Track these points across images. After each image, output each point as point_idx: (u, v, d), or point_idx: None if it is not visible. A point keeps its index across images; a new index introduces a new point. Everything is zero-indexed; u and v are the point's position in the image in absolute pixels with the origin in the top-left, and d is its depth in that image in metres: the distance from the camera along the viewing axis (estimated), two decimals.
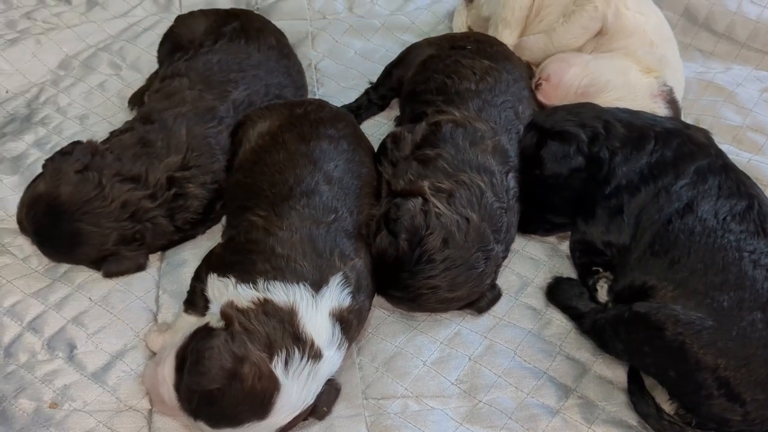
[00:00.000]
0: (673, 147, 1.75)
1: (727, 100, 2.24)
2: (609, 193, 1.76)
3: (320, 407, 1.48)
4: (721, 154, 1.78)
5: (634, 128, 1.81)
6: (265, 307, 1.44)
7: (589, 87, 2.10)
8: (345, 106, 2.21)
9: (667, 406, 1.54)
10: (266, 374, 1.37)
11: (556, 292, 1.77)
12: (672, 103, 2.10)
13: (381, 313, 1.74)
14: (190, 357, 1.36)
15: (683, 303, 1.52)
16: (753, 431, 1.46)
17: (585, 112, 1.90)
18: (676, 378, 1.49)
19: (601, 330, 1.62)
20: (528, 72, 2.17)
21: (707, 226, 1.60)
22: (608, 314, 1.63)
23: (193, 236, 1.88)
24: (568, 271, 1.84)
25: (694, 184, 1.68)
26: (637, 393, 1.56)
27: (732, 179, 1.70)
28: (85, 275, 1.78)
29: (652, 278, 1.60)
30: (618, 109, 1.93)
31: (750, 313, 1.47)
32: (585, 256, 1.80)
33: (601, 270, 1.77)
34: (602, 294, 1.74)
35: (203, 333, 1.41)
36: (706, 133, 1.83)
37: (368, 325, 1.70)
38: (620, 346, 1.58)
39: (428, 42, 2.21)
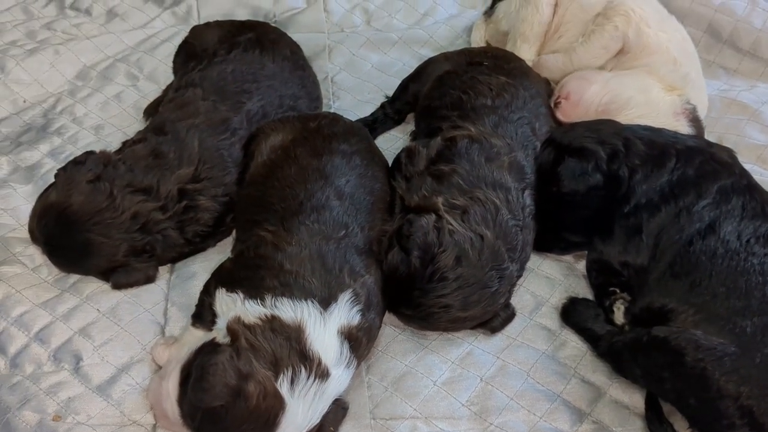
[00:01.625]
0: (696, 165, 1.71)
1: (752, 118, 2.20)
2: (627, 211, 1.72)
3: (326, 427, 1.45)
4: (745, 173, 1.73)
5: (655, 146, 1.77)
6: (273, 323, 1.42)
7: (609, 104, 2.06)
8: (360, 120, 2.19)
9: None
10: (271, 393, 1.34)
11: (571, 313, 1.73)
12: (695, 121, 2.05)
13: (391, 331, 1.71)
14: (195, 372, 1.34)
15: (704, 328, 1.47)
16: None
17: (604, 129, 1.86)
18: (697, 406, 1.44)
19: (618, 354, 1.58)
20: (546, 88, 2.14)
21: (730, 248, 1.56)
22: (626, 338, 1.58)
23: (203, 249, 1.86)
24: (584, 291, 1.80)
25: (717, 204, 1.64)
26: (655, 421, 1.51)
27: (756, 200, 1.65)
28: (94, 286, 1.77)
29: (672, 301, 1.55)
30: (639, 126, 1.89)
31: None
32: (602, 276, 1.75)
33: (618, 291, 1.72)
34: (619, 316, 1.69)
35: (209, 348, 1.39)
36: (729, 152, 1.78)
37: (378, 343, 1.67)
38: (638, 371, 1.53)
39: (445, 57, 2.19)
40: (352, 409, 1.54)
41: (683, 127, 2.01)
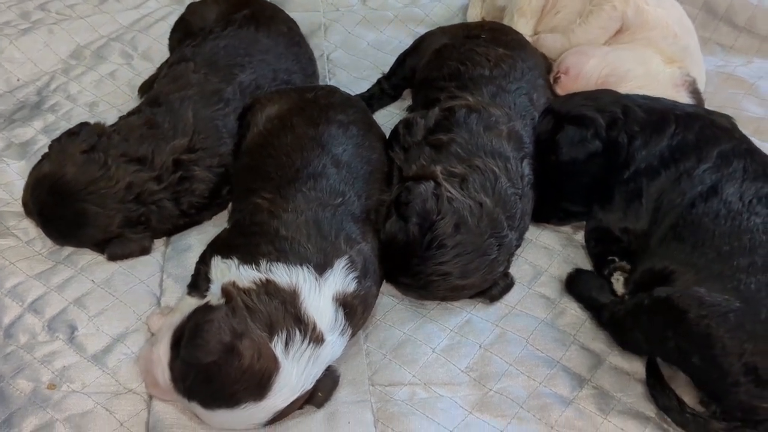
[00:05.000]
0: (695, 130, 1.70)
1: (749, 92, 2.20)
2: (627, 177, 1.71)
3: (319, 394, 1.43)
4: (745, 138, 1.73)
5: (654, 112, 1.76)
6: (267, 287, 1.40)
7: (609, 77, 2.05)
8: (357, 96, 2.17)
9: (689, 399, 1.48)
10: (266, 353, 1.33)
11: (576, 283, 1.71)
12: (695, 93, 2.05)
13: (390, 301, 1.69)
14: (188, 332, 1.33)
15: (708, 286, 1.45)
16: None
17: (603, 97, 1.85)
18: (701, 364, 1.41)
19: (621, 321, 1.56)
20: (544, 61, 2.13)
21: (733, 208, 1.55)
22: (628, 304, 1.57)
23: (198, 222, 1.84)
24: (583, 261, 1.79)
25: (717, 167, 1.63)
26: (657, 386, 1.50)
27: (758, 162, 1.64)
28: (89, 258, 1.76)
29: (674, 263, 1.54)
30: (637, 95, 1.88)
31: None
32: (600, 245, 1.74)
33: (616, 260, 1.71)
34: (618, 286, 1.68)
35: (203, 309, 1.38)
36: (728, 119, 1.77)
37: (376, 312, 1.66)
38: (641, 336, 1.51)
39: (442, 31, 2.18)
40: (350, 376, 1.53)
41: (683, 99, 2.00)
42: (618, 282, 1.70)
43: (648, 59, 2.03)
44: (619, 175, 1.72)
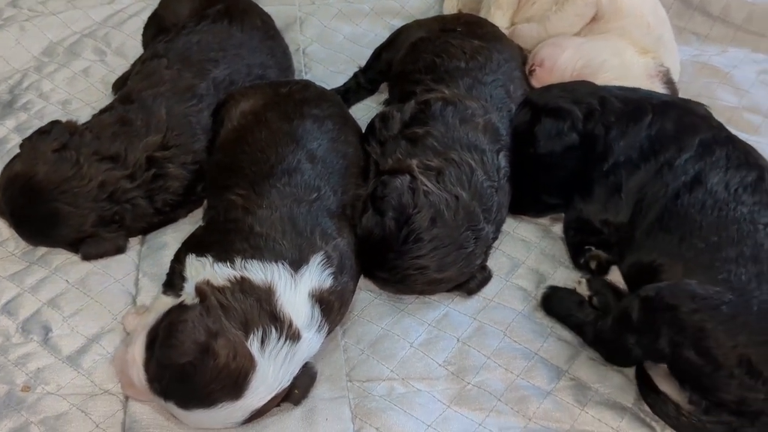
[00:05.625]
0: (673, 119, 1.70)
1: (723, 81, 2.20)
2: (607, 170, 1.70)
3: (296, 392, 1.42)
4: (722, 126, 1.73)
5: (630, 102, 1.77)
6: (242, 285, 1.39)
7: (584, 69, 2.05)
8: (333, 90, 2.16)
9: (681, 399, 1.47)
10: (241, 352, 1.31)
11: (552, 303, 1.65)
12: (669, 83, 2.05)
13: (367, 296, 1.69)
14: (162, 332, 1.32)
15: (698, 278, 1.45)
16: None
17: (580, 89, 1.85)
18: (694, 358, 1.39)
19: (608, 333, 1.52)
20: (520, 53, 2.12)
21: (719, 198, 1.54)
22: (613, 313, 1.53)
23: (174, 219, 1.83)
24: (560, 253, 1.80)
25: (700, 156, 1.62)
26: (651, 394, 1.49)
27: (739, 150, 1.64)
28: (63, 258, 1.74)
29: (662, 256, 1.54)
30: (614, 86, 1.88)
31: None
32: (579, 235, 1.75)
33: (593, 249, 1.71)
34: (594, 267, 1.69)
35: (177, 309, 1.36)
36: (704, 107, 1.78)
37: (354, 307, 1.65)
38: (632, 339, 1.47)
39: (418, 24, 2.17)
40: (328, 372, 1.53)
41: (657, 89, 1.99)
42: (594, 266, 1.72)
43: (622, 50, 2.03)
44: (598, 167, 1.71)
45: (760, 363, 1.36)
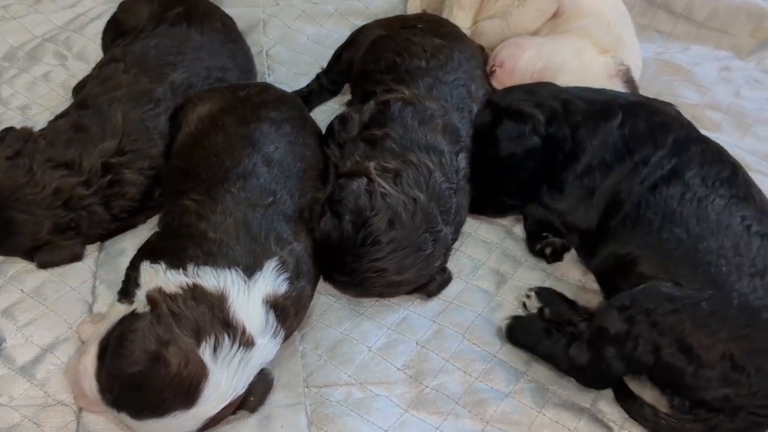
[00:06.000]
0: (644, 118, 1.69)
1: (685, 79, 2.21)
2: (581, 172, 1.69)
3: (251, 399, 1.41)
4: (692, 125, 1.73)
5: (596, 102, 1.76)
6: (194, 292, 1.38)
7: (544, 70, 2.04)
8: (296, 92, 2.15)
9: (659, 403, 1.47)
10: (193, 360, 1.30)
11: (517, 334, 1.60)
12: (629, 82, 2.05)
13: (327, 300, 1.68)
14: (113, 341, 1.30)
15: (676, 270, 1.45)
16: (754, 404, 1.38)
17: (542, 92, 1.84)
18: (675, 359, 1.39)
19: (587, 353, 1.48)
20: (482, 53, 2.12)
21: (697, 190, 1.54)
22: (585, 335, 1.50)
23: (132, 225, 1.80)
24: (521, 253, 1.79)
25: (676, 153, 1.62)
26: (628, 399, 1.48)
27: (712, 148, 1.65)
28: (19, 266, 1.71)
29: (639, 248, 1.53)
30: (578, 87, 1.88)
31: (750, 280, 1.41)
32: (539, 223, 1.76)
33: (550, 236, 1.73)
34: (549, 253, 1.71)
35: (128, 318, 1.35)
36: (672, 106, 1.78)
37: (313, 312, 1.64)
38: (611, 352, 1.43)
39: (378, 23, 2.16)
40: (285, 379, 1.51)
41: (618, 88, 1.99)
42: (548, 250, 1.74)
43: (582, 50, 2.03)
44: (571, 168, 1.70)
45: (743, 357, 1.37)
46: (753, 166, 1.92)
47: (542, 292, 1.67)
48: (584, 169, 1.69)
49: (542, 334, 1.57)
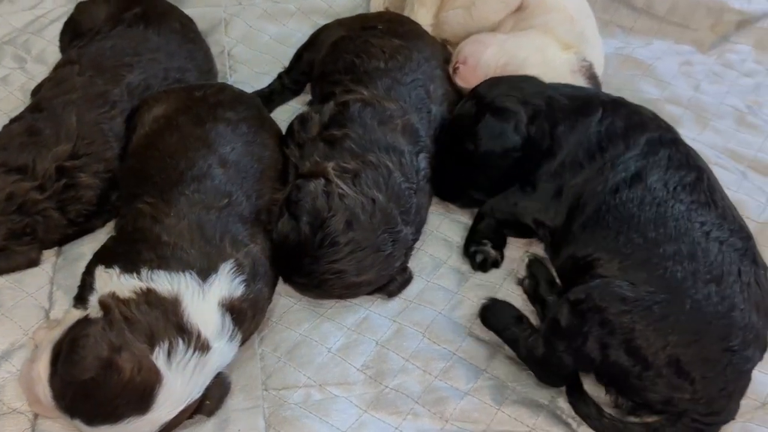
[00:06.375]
0: (623, 116, 1.69)
1: (645, 73, 2.22)
2: (555, 170, 1.69)
3: (208, 403, 1.40)
4: (671, 128, 1.73)
5: (578, 98, 1.76)
6: (148, 297, 1.36)
7: (507, 66, 2.04)
8: (257, 92, 2.13)
9: (606, 401, 1.48)
10: (146, 365, 1.29)
11: (490, 315, 1.62)
12: (592, 78, 2.05)
13: (287, 301, 1.67)
14: (65, 348, 1.29)
15: (634, 274, 1.45)
16: (697, 410, 1.39)
17: (528, 88, 1.81)
18: (622, 360, 1.39)
19: (541, 345, 1.49)
20: (442, 51, 2.11)
21: (657, 195, 1.54)
22: (542, 326, 1.52)
23: (90, 230, 1.78)
24: None
25: (644, 154, 1.62)
26: (575, 394, 1.49)
27: (681, 152, 1.65)
28: None
29: (598, 250, 1.53)
30: (561, 84, 1.87)
31: (705, 286, 1.41)
32: (494, 223, 1.76)
33: (489, 245, 1.74)
34: (478, 261, 1.73)
35: (81, 324, 1.33)
36: (651, 111, 1.77)
37: (272, 314, 1.63)
38: (561, 346, 1.44)
39: (339, 23, 2.15)
40: (243, 382, 1.50)
41: (581, 84, 2.00)
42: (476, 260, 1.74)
43: (544, 46, 2.03)
44: (546, 166, 1.70)
45: (689, 363, 1.37)
46: (712, 159, 1.93)
47: (533, 263, 1.69)
48: (558, 166, 1.69)
49: (512, 321, 1.59)
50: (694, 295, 1.40)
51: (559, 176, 1.68)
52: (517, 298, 1.69)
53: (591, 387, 1.51)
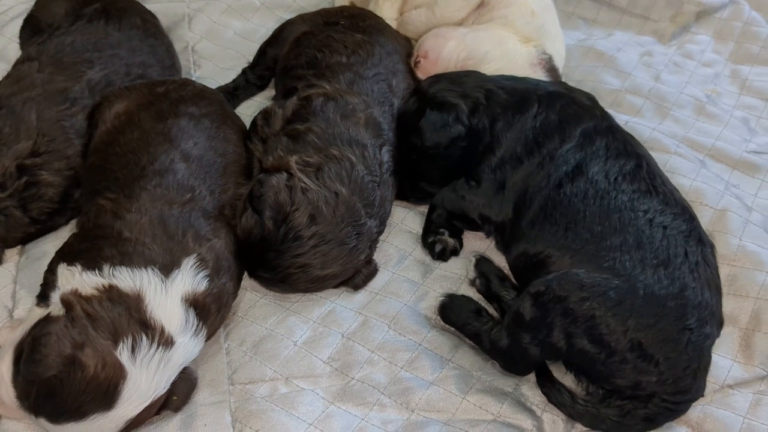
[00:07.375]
0: (557, 109, 1.72)
1: (607, 64, 2.24)
2: (495, 165, 1.71)
3: (174, 398, 1.40)
4: (606, 115, 1.75)
5: (516, 92, 1.78)
6: (110, 293, 1.36)
7: (467, 60, 2.06)
8: (221, 87, 2.13)
9: (577, 389, 1.51)
10: (110, 361, 1.29)
11: (449, 312, 1.63)
12: (552, 71, 2.07)
13: (252, 296, 1.67)
14: (27, 346, 1.28)
15: (585, 268, 1.47)
16: (665, 391, 1.42)
17: (468, 82, 1.84)
18: (588, 347, 1.41)
19: (503, 339, 1.50)
20: (405, 45, 2.12)
21: (600, 187, 1.57)
22: (506, 319, 1.52)
23: (53, 228, 1.77)
24: None
25: (581, 146, 1.64)
26: (547, 384, 1.51)
27: (618, 140, 1.67)
28: None
29: (549, 247, 1.55)
30: (502, 76, 1.89)
31: (654, 271, 1.44)
32: (447, 214, 1.77)
33: (446, 233, 1.76)
34: (437, 251, 1.75)
35: (42, 322, 1.33)
36: (589, 96, 1.80)
37: (238, 309, 1.63)
38: (526, 338, 1.45)
39: (302, 18, 2.15)
40: (209, 377, 1.50)
41: (540, 77, 2.02)
42: (435, 250, 1.76)
43: (504, 40, 2.04)
44: (487, 160, 1.72)
45: (651, 346, 1.39)
46: (672, 148, 1.96)
47: (481, 262, 1.70)
48: (498, 162, 1.71)
49: (472, 315, 1.60)
50: (645, 281, 1.43)
51: (501, 171, 1.70)
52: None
53: (565, 378, 1.53)
